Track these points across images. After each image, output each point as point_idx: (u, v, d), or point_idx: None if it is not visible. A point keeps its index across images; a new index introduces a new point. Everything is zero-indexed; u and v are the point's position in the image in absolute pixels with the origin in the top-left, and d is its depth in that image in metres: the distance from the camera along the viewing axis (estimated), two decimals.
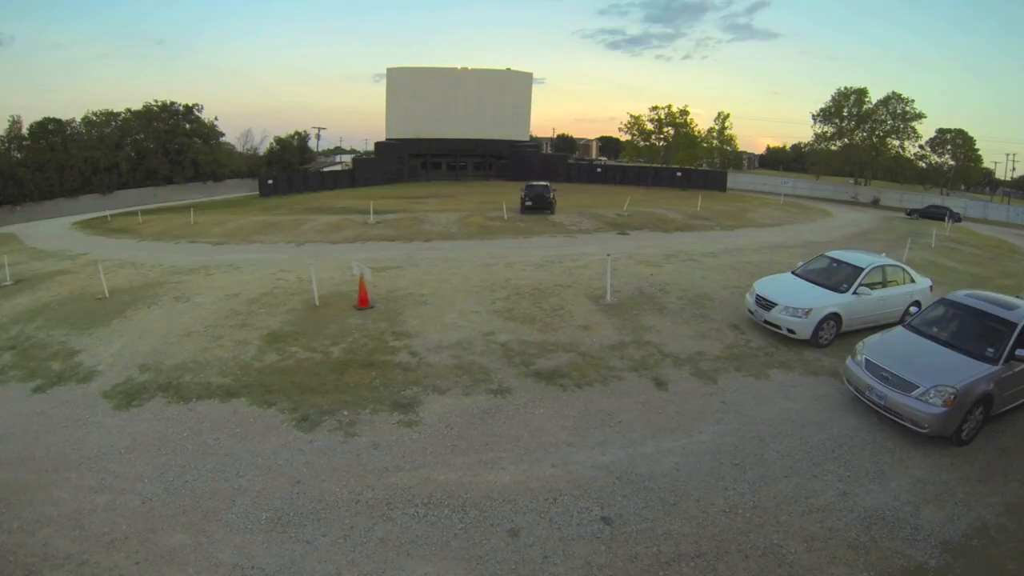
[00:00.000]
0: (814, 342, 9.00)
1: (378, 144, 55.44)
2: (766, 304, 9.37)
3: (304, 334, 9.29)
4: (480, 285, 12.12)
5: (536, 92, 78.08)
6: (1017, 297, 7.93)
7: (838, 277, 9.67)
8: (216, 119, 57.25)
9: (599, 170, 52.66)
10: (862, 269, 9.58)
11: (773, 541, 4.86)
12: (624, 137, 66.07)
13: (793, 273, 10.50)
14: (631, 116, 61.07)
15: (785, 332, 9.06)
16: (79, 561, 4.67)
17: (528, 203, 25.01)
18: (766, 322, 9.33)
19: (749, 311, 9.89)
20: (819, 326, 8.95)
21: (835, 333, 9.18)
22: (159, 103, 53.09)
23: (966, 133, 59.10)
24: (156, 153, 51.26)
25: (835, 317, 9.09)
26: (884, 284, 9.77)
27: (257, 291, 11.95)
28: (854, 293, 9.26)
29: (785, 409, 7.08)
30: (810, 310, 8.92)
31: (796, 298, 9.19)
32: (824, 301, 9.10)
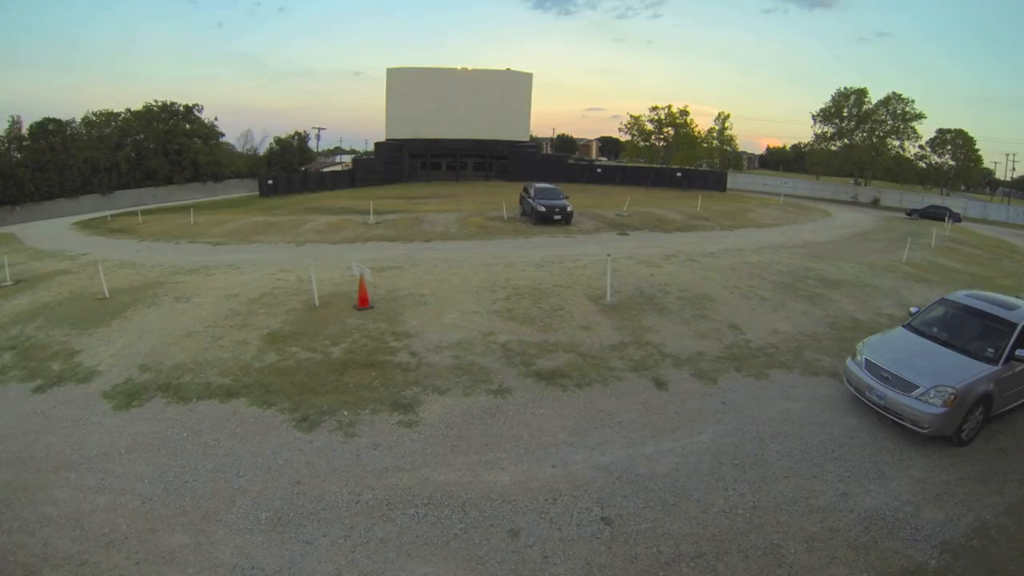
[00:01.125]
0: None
1: (378, 144, 55.40)
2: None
3: (304, 334, 9.28)
4: (480, 285, 12.12)
5: (537, 87, 77.97)
6: (1017, 297, 7.94)
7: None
8: (216, 119, 57.38)
9: (599, 170, 52.65)
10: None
11: (773, 541, 4.86)
12: (624, 137, 66.14)
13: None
14: (631, 116, 61.12)
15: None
16: (79, 561, 4.67)
17: (542, 210, 21.21)
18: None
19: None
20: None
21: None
22: (159, 103, 53.13)
23: (966, 133, 59.09)
24: (156, 153, 51.30)
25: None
26: None
27: (257, 291, 11.95)
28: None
29: (785, 409, 7.07)
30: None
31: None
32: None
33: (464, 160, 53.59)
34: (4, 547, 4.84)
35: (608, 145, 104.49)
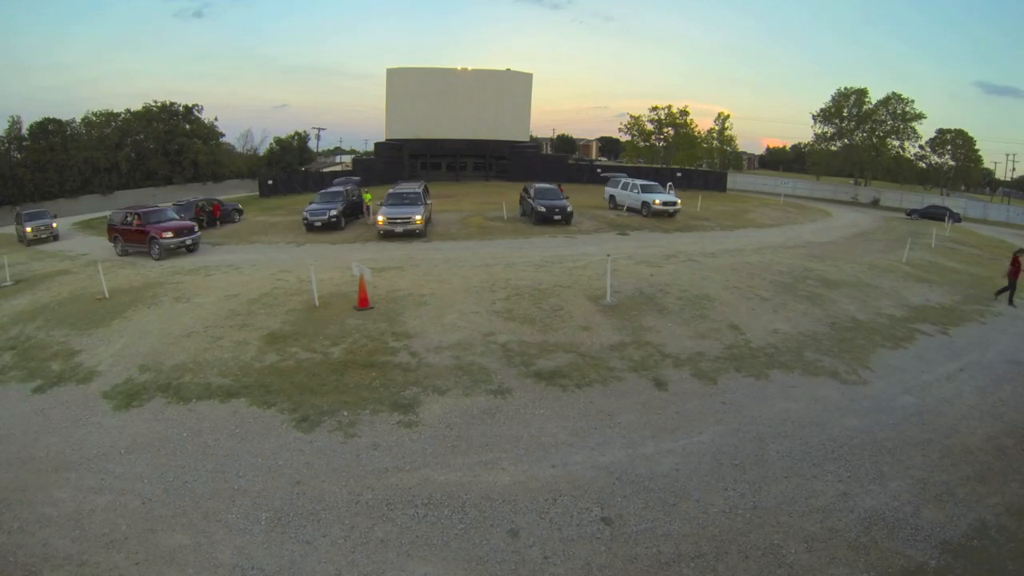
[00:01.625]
0: None
1: (378, 144, 55.41)
2: None
3: (304, 335, 9.28)
4: (480, 286, 12.11)
5: (537, 86, 77.78)
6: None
7: None
8: (216, 119, 57.41)
9: (599, 171, 52.64)
10: None
11: (773, 541, 4.86)
12: (624, 138, 66.08)
13: None
14: (631, 116, 61.13)
15: None
16: (79, 561, 4.67)
17: (542, 210, 21.16)
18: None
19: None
20: None
21: None
22: (159, 103, 53.12)
23: (966, 133, 59.03)
24: (156, 153, 51.30)
25: None
26: None
27: (257, 292, 11.95)
28: None
29: (785, 409, 7.08)
30: None
31: None
32: None
33: (464, 160, 53.55)
34: (4, 547, 4.84)
35: (608, 145, 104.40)
